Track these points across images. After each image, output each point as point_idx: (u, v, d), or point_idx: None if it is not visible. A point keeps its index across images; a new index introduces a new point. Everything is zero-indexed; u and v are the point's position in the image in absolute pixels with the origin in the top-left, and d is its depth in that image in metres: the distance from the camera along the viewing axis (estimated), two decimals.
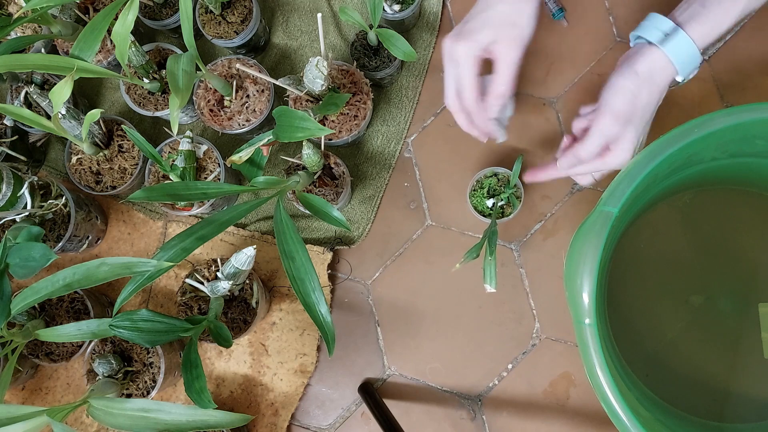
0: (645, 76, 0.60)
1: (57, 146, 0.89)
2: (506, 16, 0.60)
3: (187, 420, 0.60)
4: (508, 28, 0.60)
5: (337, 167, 0.78)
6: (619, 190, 0.58)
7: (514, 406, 0.82)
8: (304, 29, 0.90)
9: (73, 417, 0.84)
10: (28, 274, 0.60)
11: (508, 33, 0.60)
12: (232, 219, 0.63)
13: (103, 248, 0.88)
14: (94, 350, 0.78)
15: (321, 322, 0.61)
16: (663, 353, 0.77)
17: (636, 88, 0.60)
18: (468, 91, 0.63)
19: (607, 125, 0.61)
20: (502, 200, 0.78)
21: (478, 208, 0.79)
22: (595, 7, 0.87)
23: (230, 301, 0.79)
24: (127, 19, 0.66)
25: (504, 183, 0.79)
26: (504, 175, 0.79)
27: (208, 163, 0.80)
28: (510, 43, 0.60)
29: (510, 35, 0.60)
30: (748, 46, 0.84)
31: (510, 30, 0.60)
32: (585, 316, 0.57)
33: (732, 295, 0.78)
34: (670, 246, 0.80)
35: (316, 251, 0.84)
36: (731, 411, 0.75)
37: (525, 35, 0.61)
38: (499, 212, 0.78)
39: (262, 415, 0.84)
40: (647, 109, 0.61)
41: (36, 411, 0.58)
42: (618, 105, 0.60)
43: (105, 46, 0.83)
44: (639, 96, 0.60)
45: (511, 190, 0.77)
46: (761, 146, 0.65)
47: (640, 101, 0.60)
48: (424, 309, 0.84)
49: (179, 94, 0.65)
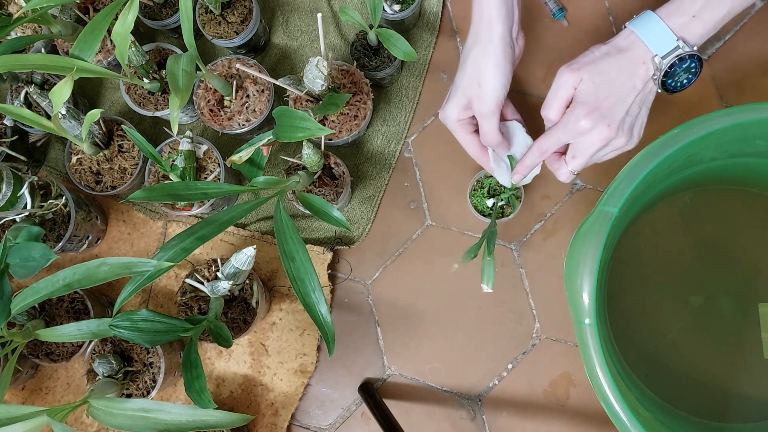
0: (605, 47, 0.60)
1: (57, 146, 0.89)
2: (470, 76, 0.63)
3: (187, 420, 0.60)
4: (474, 88, 0.63)
5: (337, 167, 0.78)
6: (619, 190, 0.58)
7: (514, 406, 0.82)
8: (304, 29, 0.90)
9: (73, 417, 0.84)
10: (28, 274, 0.60)
11: (475, 93, 0.64)
12: (232, 219, 0.63)
13: (103, 248, 0.88)
14: (94, 350, 0.78)
15: (321, 322, 0.61)
16: (663, 353, 0.77)
17: (583, 55, 0.60)
18: (467, 148, 0.69)
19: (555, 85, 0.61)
20: (502, 200, 0.78)
21: (479, 208, 0.79)
22: (595, 7, 0.87)
23: (230, 301, 0.79)
24: (127, 19, 0.66)
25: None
26: None
27: (208, 163, 0.80)
28: (480, 101, 0.64)
29: (477, 95, 0.63)
30: (747, 46, 0.84)
31: (476, 90, 0.63)
32: (585, 316, 0.57)
33: (732, 295, 0.78)
34: (670, 246, 0.80)
35: (316, 251, 0.84)
36: (731, 411, 0.75)
37: (491, 92, 0.63)
38: (499, 212, 0.78)
39: (262, 415, 0.84)
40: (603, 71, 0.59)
41: (36, 411, 0.58)
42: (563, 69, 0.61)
43: (105, 46, 0.83)
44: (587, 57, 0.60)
45: (511, 190, 0.77)
46: (761, 146, 0.65)
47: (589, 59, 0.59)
48: (424, 309, 0.84)
49: (179, 94, 0.65)
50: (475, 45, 0.63)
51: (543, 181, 0.84)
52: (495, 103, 0.63)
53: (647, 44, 0.58)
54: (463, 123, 0.68)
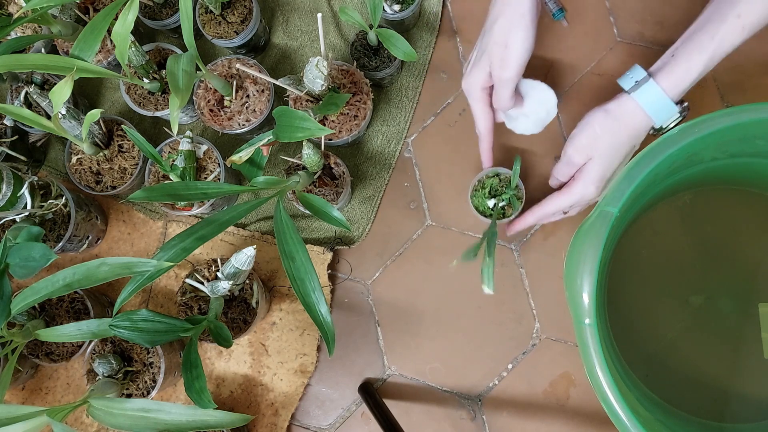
0: (612, 115, 0.63)
1: (57, 146, 0.89)
2: (499, 36, 0.64)
3: (187, 420, 0.60)
4: (500, 49, 0.64)
5: (337, 167, 0.78)
6: (619, 190, 0.58)
7: (514, 406, 0.82)
8: (304, 29, 0.90)
9: (73, 417, 0.84)
10: (28, 274, 0.60)
11: (500, 55, 0.65)
12: (232, 219, 0.63)
13: (103, 248, 0.88)
14: (94, 350, 0.78)
15: (321, 322, 0.61)
16: (663, 353, 0.77)
17: (599, 126, 0.64)
18: (478, 121, 0.72)
19: (570, 154, 0.66)
20: (503, 201, 0.78)
21: (480, 209, 0.79)
22: (595, 7, 0.87)
23: (230, 301, 0.79)
24: (127, 19, 0.66)
25: (506, 183, 0.79)
26: (506, 176, 0.79)
27: (208, 163, 0.80)
28: (502, 65, 0.65)
29: (501, 57, 0.65)
30: (748, 46, 0.83)
31: (501, 51, 0.64)
32: (585, 316, 0.57)
33: (732, 295, 0.78)
34: (670, 246, 0.80)
35: (316, 251, 0.84)
36: (731, 411, 0.75)
37: (517, 54, 0.64)
38: (500, 213, 0.78)
39: (262, 415, 0.84)
40: (613, 148, 0.64)
41: (36, 411, 0.58)
42: (580, 138, 0.65)
43: (105, 46, 0.83)
44: (601, 134, 0.64)
45: (512, 191, 0.77)
46: (761, 146, 0.65)
47: (603, 139, 0.64)
48: (424, 309, 0.84)
49: (179, 94, 0.65)
50: (505, 10, 0.64)
51: (543, 181, 0.84)
52: (519, 68, 0.65)
53: (647, 113, 0.62)
54: (486, 92, 0.68)
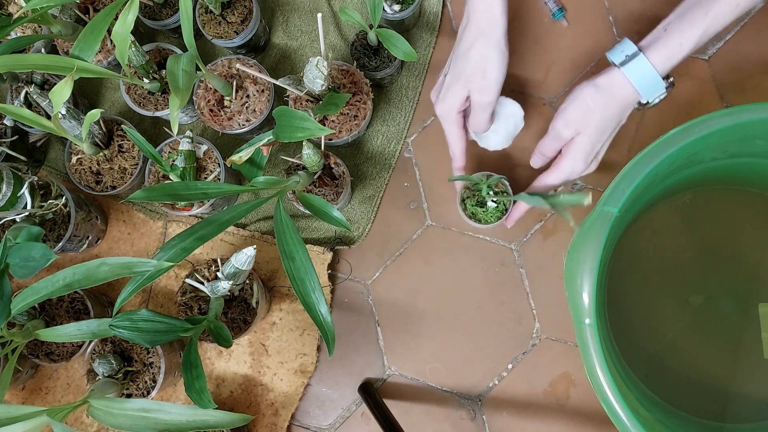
0: (603, 89, 0.63)
1: (57, 146, 0.89)
2: (476, 64, 0.65)
3: (187, 420, 0.60)
4: (478, 77, 0.66)
5: (337, 167, 0.78)
6: (619, 190, 0.58)
7: (514, 406, 0.82)
8: (304, 29, 0.90)
9: (73, 417, 0.84)
10: (28, 274, 0.60)
11: (478, 83, 0.66)
12: (232, 219, 0.63)
13: (103, 248, 0.88)
14: (94, 350, 0.78)
15: (321, 322, 0.61)
16: (663, 353, 0.77)
17: (591, 99, 0.63)
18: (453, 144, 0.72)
19: (559, 128, 0.65)
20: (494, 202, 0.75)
21: (477, 216, 0.77)
22: (595, 7, 0.87)
23: (230, 301, 0.79)
24: (127, 19, 0.66)
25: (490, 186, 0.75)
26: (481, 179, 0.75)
27: (208, 163, 0.80)
28: (482, 91, 0.66)
29: (480, 85, 0.66)
30: (747, 46, 0.84)
31: (480, 79, 0.66)
32: (585, 316, 0.57)
33: (732, 295, 0.78)
34: (670, 246, 0.80)
35: (316, 251, 0.84)
36: (731, 411, 0.75)
37: (496, 80, 0.66)
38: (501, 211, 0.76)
39: (262, 415, 0.84)
40: (604, 122, 0.64)
41: (36, 411, 0.58)
42: (570, 111, 0.65)
43: (105, 46, 0.83)
44: (593, 107, 0.63)
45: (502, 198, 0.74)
46: (761, 146, 0.65)
47: (594, 113, 0.64)
48: (424, 309, 0.84)
49: (179, 94, 0.65)
50: (480, 37, 0.65)
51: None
52: (496, 94, 0.67)
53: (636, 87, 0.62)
54: (461, 115, 0.70)
